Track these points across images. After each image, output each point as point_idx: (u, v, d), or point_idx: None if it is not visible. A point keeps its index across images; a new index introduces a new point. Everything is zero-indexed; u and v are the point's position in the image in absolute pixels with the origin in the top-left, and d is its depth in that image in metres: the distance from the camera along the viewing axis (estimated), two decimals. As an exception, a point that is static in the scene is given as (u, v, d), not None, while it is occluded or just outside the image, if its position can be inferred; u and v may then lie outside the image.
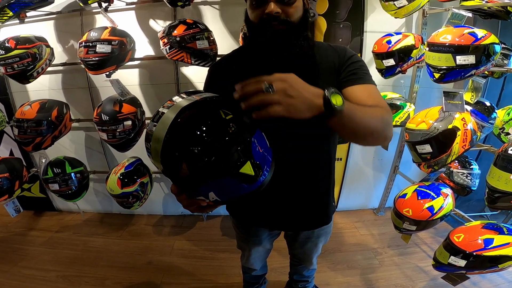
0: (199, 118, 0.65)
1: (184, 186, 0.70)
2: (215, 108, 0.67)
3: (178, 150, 0.64)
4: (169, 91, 2.29)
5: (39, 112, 1.97)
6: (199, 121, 0.64)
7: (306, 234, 1.31)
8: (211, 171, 0.64)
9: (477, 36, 1.43)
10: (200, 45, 1.87)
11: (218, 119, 0.65)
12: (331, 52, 1.02)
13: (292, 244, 1.43)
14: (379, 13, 2.07)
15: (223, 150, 0.63)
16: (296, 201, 1.11)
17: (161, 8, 2.12)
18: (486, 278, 1.90)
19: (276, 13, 0.87)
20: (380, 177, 2.74)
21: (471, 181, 2.06)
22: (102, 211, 2.84)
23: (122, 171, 2.09)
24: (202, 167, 0.63)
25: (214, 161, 0.63)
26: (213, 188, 0.68)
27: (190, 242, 2.39)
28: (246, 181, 0.66)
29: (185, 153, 0.63)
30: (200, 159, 0.63)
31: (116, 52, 1.87)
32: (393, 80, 2.26)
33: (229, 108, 0.68)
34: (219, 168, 0.64)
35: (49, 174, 2.12)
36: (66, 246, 2.35)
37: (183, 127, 0.64)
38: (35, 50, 1.89)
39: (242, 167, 0.64)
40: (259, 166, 0.67)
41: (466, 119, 1.57)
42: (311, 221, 1.20)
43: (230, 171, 0.64)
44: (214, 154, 0.62)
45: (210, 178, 0.65)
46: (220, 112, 0.67)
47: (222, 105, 0.69)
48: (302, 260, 1.51)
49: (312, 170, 1.08)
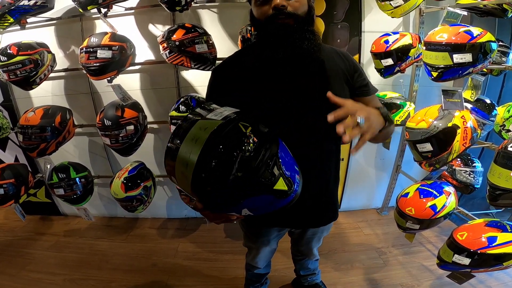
0: (226, 143, 0.63)
1: (216, 207, 0.69)
2: (236, 127, 0.66)
3: (210, 184, 0.63)
4: (170, 95, 2.31)
5: (43, 118, 2.00)
6: (228, 147, 0.62)
7: (313, 231, 1.36)
8: (245, 192, 0.64)
9: (473, 34, 1.43)
10: (199, 49, 1.88)
11: (242, 137, 0.64)
12: (335, 55, 1.06)
13: (298, 241, 1.47)
14: (376, 13, 2.07)
15: (256, 169, 0.62)
16: (309, 200, 1.13)
17: (160, 12, 2.13)
18: (493, 276, 1.89)
19: (282, 6, 0.89)
20: (382, 177, 2.74)
21: (474, 179, 2.04)
22: (107, 215, 2.87)
23: (126, 175, 2.11)
24: (237, 190, 0.63)
25: (248, 181, 0.62)
26: (247, 206, 0.68)
27: (194, 244, 2.40)
28: (280, 196, 0.66)
29: (216, 183, 0.62)
30: (234, 184, 0.62)
31: (116, 57, 1.89)
32: (393, 79, 2.26)
33: (246, 120, 0.68)
34: (253, 188, 0.64)
35: (54, 179, 2.14)
36: (72, 250, 2.38)
37: (213, 155, 0.62)
38: (37, 56, 1.91)
39: (276, 184, 0.65)
40: (290, 180, 0.67)
41: (465, 117, 1.57)
42: (323, 217, 1.24)
43: (264, 189, 0.64)
44: (248, 175, 0.62)
45: (244, 198, 0.65)
46: (240, 126, 0.66)
47: (241, 118, 0.69)
48: (306, 254, 1.58)
49: (325, 170, 1.13)
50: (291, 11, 0.91)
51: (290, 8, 0.90)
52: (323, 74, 1.00)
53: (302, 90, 0.98)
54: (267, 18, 0.92)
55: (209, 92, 1.09)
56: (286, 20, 0.91)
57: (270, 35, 0.94)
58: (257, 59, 1.01)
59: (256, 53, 1.03)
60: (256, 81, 1.00)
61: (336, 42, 2.20)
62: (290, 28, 0.92)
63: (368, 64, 2.28)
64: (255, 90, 0.98)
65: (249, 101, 0.94)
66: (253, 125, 0.68)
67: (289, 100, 0.98)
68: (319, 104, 0.93)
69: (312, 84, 0.99)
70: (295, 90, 0.98)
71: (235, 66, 1.07)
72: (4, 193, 2.05)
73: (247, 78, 1.01)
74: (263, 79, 0.99)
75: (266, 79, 0.99)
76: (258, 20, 0.96)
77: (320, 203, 1.17)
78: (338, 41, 2.21)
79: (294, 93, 0.98)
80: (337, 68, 1.02)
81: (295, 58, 0.96)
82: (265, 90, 0.98)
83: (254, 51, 1.04)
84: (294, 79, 0.98)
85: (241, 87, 1.00)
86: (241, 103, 0.83)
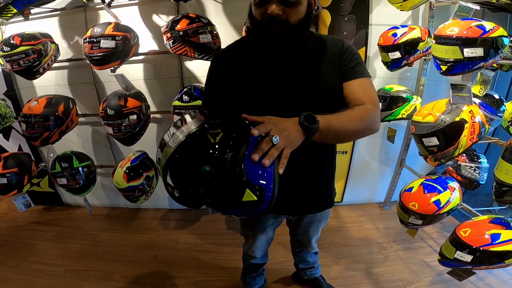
0: (176, 175, 0.68)
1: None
2: (203, 140, 0.68)
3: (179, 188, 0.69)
4: (173, 85, 2.30)
5: (46, 107, 2.00)
6: (188, 163, 0.66)
7: (309, 219, 1.38)
8: (216, 207, 0.68)
9: (485, 29, 1.40)
10: (203, 39, 1.86)
11: (204, 151, 0.66)
12: (331, 44, 1.07)
13: (296, 230, 1.50)
14: (385, 5, 2.03)
15: (217, 190, 0.64)
16: (303, 185, 1.17)
17: (164, 3, 2.11)
18: (492, 273, 1.88)
19: (276, 15, 0.90)
20: (386, 171, 2.72)
21: (479, 175, 2.02)
22: (109, 205, 2.88)
23: (128, 165, 2.11)
24: (208, 203, 0.68)
25: (213, 201, 0.66)
26: (231, 213, 0.71)
27: (195, 236, 2.41)
28: (253, 205, 0.66)
29: (185, 191, 0.69)
30: (201, 198, 0.67)
31: (120, 47, 1.88)
32: (400, 72, 2.23)
33: (217, 126, 0.70)
34: (219, 205, 0.67)
35: (57, 168, 2.14)
36: (75, 241, 2.40)
37: (176, 168, 0.68)
38: (40, 47, 1.90)
39: (243, 196, 0.64)
40: (260, 189, 0.65)
41: (474, 112, 1.54)
42: (317, 204, 1.26)
43: (231, 205, 0.66)
44: (210, 196, 0.65)
45: (219, 209, 0.69)
46: (208, 137, 0.67)
47: (210, 127, 0.69)
48: (304, 244, 1.59)
49: (318, 155, 1.14)
50: (284, 19, 0.92)
51: (283, 16, 0.91)
52: (316, 66, 1.03)
53: (296, 82, 1.01)
54: (262, 20, 0.94)
55: (209, 80, 1.11)
56: (279, 27, 0.93)
57: (265, 38, 0.97)
58: (254, 53, 1.05)
59: (254, 47, 1.06)
60: (253, 73, 1.03)
61: (343, 35, 2.17)
62: (283, 35, 0.94)
63: (374, 57, 2.25)
64: (251, 81, 1.02)
65: (245, 92, 1.01)
66: (224, 129, 0.69)
67: (283, 90, 1.01)
68: (312, 95, 1.00)
69: (305, 76, 1.02)
70: (290, 82, 1.01)
71: (234, 56, 1.09)
72: (7, 182, 2.06)
73: (244, 69, 1.04)
74: (259, 72, 1.03)
75: (262, 72, 1.02)
76: (255, 18, 0.98)
77: (314, 190, 1.20)
78: (345, 34, 2.17)
79: (288, 84, 1.01)
80: (331, 55, 1.04)
81: (289, 57, 1.00)
82: (260, 81, 1.02)
83: (252, 44, 1.07)
84: (288, 73, 1.02)
85: (238, 77, 1.03)
86: (238, 93, 0.91)
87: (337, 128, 0.86)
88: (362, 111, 0.95)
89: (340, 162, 1.27)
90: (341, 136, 0.92)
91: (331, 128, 0.84)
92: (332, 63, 1.03)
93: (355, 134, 0.95)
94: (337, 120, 0.88)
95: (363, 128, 0.94)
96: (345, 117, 0.91)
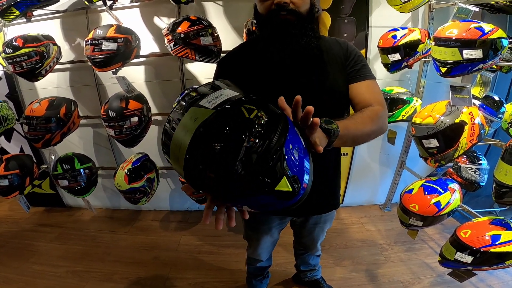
0: (209, 144, 0.52)
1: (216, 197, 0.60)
2: (237, 111, 0.55)
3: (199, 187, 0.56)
4: (175, 88, 2.31)
5: (48, 109, 2.01)
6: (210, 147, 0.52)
7: (314, 220, 1.36)
8: (242, 192, 0.54)
9: (484, 31, 1.41)
10: (204, 41, 1.87)
11: (241, 124, 0.53)
12: (335, 45, 1.07)
13: (300, 232, 1.48)
14: (384, 7, 2.05)
15: (254, 169, 0.52)
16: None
17: (165, 5, 2.12)
18: (493, 274, 1.88)
19: (285, 3, 0.92)
20: (386, 172, 2.72)
21: (480, 176, 2.02)
22: (110, 207, 2.89)
23: (129, 167, 2.12)
24: (230, 190, 0.54)
25: (243, 182, 0.52)
26: (246, 204, 0.60)
27: (196, 237, 2.41)
28: (283, 197, 0.57)
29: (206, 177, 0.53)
30: (226, 180, 0.52)
31: (121, 49, 1.89)
32: (399, 74, 2.24)
33: (251, 102, 0.58)
34: (250, 189, 0.54)
35: (58, 170, 2.15)
36: (76, 242, 2.40)
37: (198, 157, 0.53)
38: (42, 49, 1.92)
39: (277, 185, 0.55)
40: (296, 179, 0.57)
41: (473, 113, 1.55)
42: (323, 205, 1.25)
43: (263, 191, 0.54)
44: (247, 170, 0.52)
45: (241, 197, 0.56)
46: (243, 110, 0.55)
47: (245, 101, 0.58)
48: (308, 247, 1.57)
49: (325, 158, 1.10)
50: (293, 8, 0.94)
51: (292, 5, 0.94)
52: (321, 66, 1.03)
53: (301, 82, 1.01)
54: (269, 12, 0.95)
55: None
56: (288, 16, 0.94)
57: (271, 30, 0.97)
58: (259, 53, 1.05)
59: (258, 47, 1.06)
60: (258, 74, 1.03)
61: (343, 36, 2.18)
62: (291, 25, 0.95)
63: (374, 59, 2.26)
64: (257, 83, 1.01)
65: (251, 93, 0.96)
66: (260, 107, 0.57)
67: (287, 90, 0.99)
68: (317, 95, 0.99)
69: (310, 76, 1.02)
70: (295, 82, 1.01)
71: (239, 58, 1.10)
72: (9, 184, 2.07)
73: (250, 70, 1.04)
74: (264, 72, 1.03)
75: (267, 72, 1.03)
76: (261, 15, 0.99)
77: (320, 191, 1.17)
78: (345, 35, 2.18)
79: (294, 85, 1.00)
80: (336, 57, 1.05)
81: (295, 53, 0.99)
82: (266, 83, 1.01)
83: (257, 45, 1.07)
84: (293, 72, 1.02)
85: (243, 79, 1.01)
86: None
87: (354, 131, 0.86)
88: (372, 112, 0.95)
89: (341, 164, 1.27)
90: (359, 139, 0.92)
91: (350, 132, 0.83)
92: (337, 63, 1.04)
93: (370, 136, 0.95)
94: (352, 123, 0.87)
95: (376, 129, 0.94)
96: (358, 119, 0.91)
